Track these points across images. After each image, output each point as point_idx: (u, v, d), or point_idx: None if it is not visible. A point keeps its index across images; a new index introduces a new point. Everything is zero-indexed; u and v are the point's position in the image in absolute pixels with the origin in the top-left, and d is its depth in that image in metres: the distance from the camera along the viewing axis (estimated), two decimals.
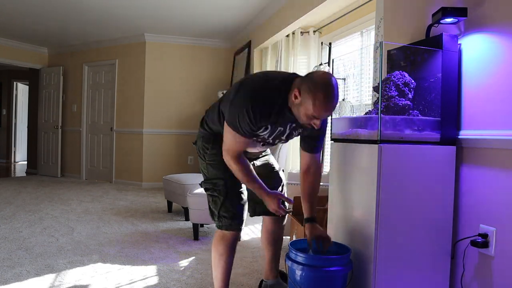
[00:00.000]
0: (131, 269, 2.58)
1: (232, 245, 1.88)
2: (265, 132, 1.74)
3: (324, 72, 1.57)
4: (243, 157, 1.78)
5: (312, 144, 1.86)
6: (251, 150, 1.91)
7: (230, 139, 1.72)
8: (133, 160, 6.41)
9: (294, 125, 1.77)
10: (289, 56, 4.40)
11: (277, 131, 1.77)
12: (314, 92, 1.50)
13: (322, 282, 1.69)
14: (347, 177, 1.90)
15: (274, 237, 2.13)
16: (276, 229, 2.13)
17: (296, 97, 1.56)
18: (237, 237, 1.89)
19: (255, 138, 1.78)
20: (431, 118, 1.79)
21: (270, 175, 2.08)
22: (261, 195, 1.80)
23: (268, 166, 2.10)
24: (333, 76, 1.56)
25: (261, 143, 1.86)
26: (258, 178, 1.80)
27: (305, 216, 1.90)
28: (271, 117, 1.66)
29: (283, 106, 1.64)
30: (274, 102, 1.62)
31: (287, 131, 1.80)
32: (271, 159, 2.15)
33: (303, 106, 1.54)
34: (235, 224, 1.85)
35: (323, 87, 1.50)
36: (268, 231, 2.13)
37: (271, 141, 1.84)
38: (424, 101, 1.86)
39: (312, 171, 1.89)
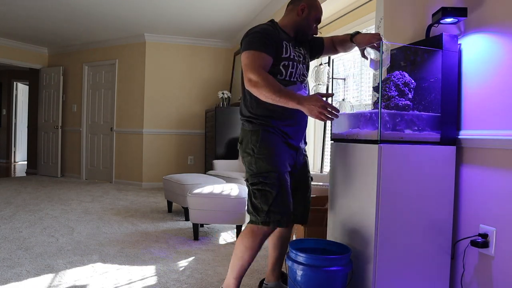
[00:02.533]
0: (131, 269, 2.58)
1: (263, 240, 1.84)
2: (285, 52, 1.85)
3: None
4: (268, 74, 1.74)
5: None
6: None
7: (250, 58, 1.76)
8: (133, 160, 6.41)
9: (297, 50, 1.94)
10: None
11: (294, 52, 1.90)
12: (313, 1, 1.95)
13: (322, 282, 1.69)
14: (347, 177, 1.90)
15: (283, 241, 2.10)
16: (286, 232, 2.10)
17: (302, 10, 1.91)
18: (270, 233, 1.85)
19: (280, 63, 1.84)
20: (431, 118, 1.79)
21: (304, 180, 2.04)
22: (298, 101, 1.65)
23: (307, 176, 2.07)
24: None
25: (291, 74, 1.88)
26: (288, 89, 1.75)
27: (347, 38, 2.05)
28: (279, 34, 1.87)
29: (276, 28, 1.91)
30: (272, 25, 1.90)
31: (298, 55, 1.94)
32: (308, 167, 2.11)
33: (312, 14, 1.92)
34: (286, 220, 1.80)
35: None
36: (278, 234, 2.08)
37: (299, 59, 1.92)
38: (424, 101, 1.86)
39: (335, 38, 2.16)
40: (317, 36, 2.08)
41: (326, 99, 1.67)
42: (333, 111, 1.62)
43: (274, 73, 1.83)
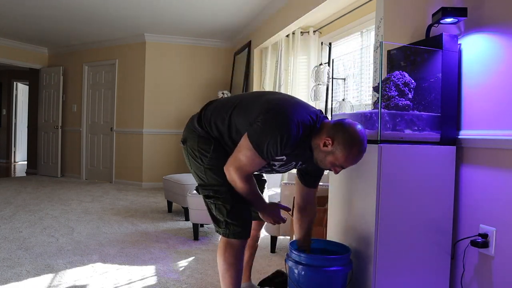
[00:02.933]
0: (131, 269, 2.58)
1: (241, 252, 1.76)
2: (280, 162, 1.71)
3: (356, 125, 1.57)
4: (252, 177, 1.68)
5: (314, 179, 1.88)
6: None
7: (248, 158, 1.58)
8: (133, 160, 6.41)
9: (304, 164, 1.78)
10: (289, 56, 4.41)
11: (289, 164, 1.75)
12: (350, 147, 1.52)
13: (322, 282, 1.69)
14: (347, 177, 1.90)
15: (253, 242, 2.12)
16: (256, 234, 2.11)
17: (325, 145, 1.56)
18: (245, 243, 1.78)
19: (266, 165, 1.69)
20: (431, 118, 1.78)
21: (260, 181, 2.03)
22: (259, 209, 1.75)
23: (259, 174, 2.06)
24: (363, 129, 1.58)
25: (264, 169, 1.81)
26: (260, 193, 1.74)
27: (298, 237, 1.94)
28: (296, 149, 1.62)
29: (307, 142, 1.62)
30: (306, 133, 1.60)
31: (293, 167, 1.80)
32: None
33: (333, 155, 1.55)
34: (246, 232, 1.74)
35: (358, 143, 1.53)
36: (252, 235, 2.02)
37: (276, 169, 1.80)
38: (424, 101, 1.86)
39: (308, 210, 1.91)
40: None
41: (278, 214, 1.78)
42: (280, 221, 1.78)
43: None
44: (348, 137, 1.53)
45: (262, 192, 2.02)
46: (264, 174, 2.09)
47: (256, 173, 1.97)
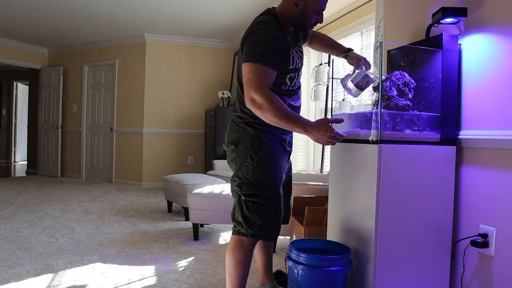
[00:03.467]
0: (131, 269, 2.58)
1: (252, 250, 1.78)
2: (292, 63, 1.75)
3: None
4: (272, 93, 1.60)
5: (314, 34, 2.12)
6: (293, 102, 1.83)
7: (254, 73, 1.58)
8: (133, 160, 6.41)
9: (298, 50, 1.87)
10: None
11: (298, 59, 1.81)
12: None
13: (322, 282, 1.69)
14: (347, 177, 1.90)
15: (268, 242, 2.08)
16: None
17: (297, 4, 1.70)
18: (255, 244, 1.79)
19: (286, 75, 1.73)
20: (431, 118, 1.78)
21: (289, 183, 2.03)
22: (305, 127, 1.59)
23: (290, 178, 2.05)
24: None
25: (294, 84, 1.82)
26: (294, 114, 1.62)
27: (341, 52, 2.04)
28: (286, 38, 1.72)
29: (285, 28, 1.74)
30: (278, 24, 1.71)
31: (300, 59, 1.86)
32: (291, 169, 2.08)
33: (309, 5, 1.69)
34: (277, 234, 1.75)
35: None
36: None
37: (299, 72, 1.85)
38: (424, 101, 1.86)
39: (317, 34, 2.12)
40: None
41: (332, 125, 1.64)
42: (340, 139, 1.64)
43: (278, 83, 1.72)
44: None
45: (290, 196, 2.02)
46: (291, 174, 2.06)
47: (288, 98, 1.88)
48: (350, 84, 1.92)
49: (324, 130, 1.59)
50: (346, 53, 2.02)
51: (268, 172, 1.74)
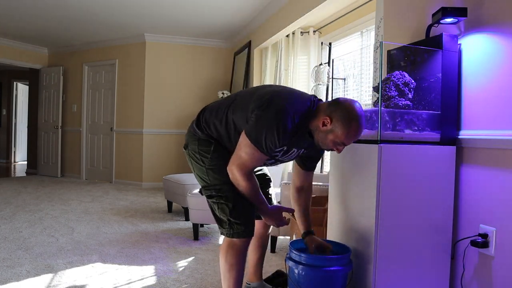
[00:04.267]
0: (131, 269, 2.58)
1: (244, 253, 1.76)
2: (281, 152, 1.71)
3: (352, 101, 1.59)
4: (253, 175, 1.69)
5: (314, 164, 1.93)
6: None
7: (248, 155, 1.60)
8: (133, 160, 6.41)
9: (305, 150, 1.78)
10: (289, 56, 4.41)
11: (290, 152, 1.74)
12: (348, 122, 1.54)
13: (322, 282, 1.69)
14: (347, 177, 1.90)
15: (262, 242, 2.11)
16: (265, 233, 2.11)
17: (324, 124, 1.58)
18: (248, 244, 1.78)
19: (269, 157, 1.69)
20: (431, 118, 1.78)
21: (264, 181, 2.04)
22: (262, 212, 1.76)
23: (263, 174, 2.07)
24: (359, 104, 1.60)
25: (269, 162, 1.81)
26: (262, 195, 1.75)
27: (303, 230, 1.92)
28: (294, 136, 1.63)
29: (305, 128, 1.65)
30: (302, 119, 1.61)
31: (296, 154, 1.79)
32: (264, 167, 2.10)
33: (333, 133, 1.57)
34: (249, 231, 1.73)
35: (356, 118, 1.55)
36: (257, 235, 2.04)
37: (279, 159, 1.79)
38: (424, 101, 1.86)
39: (306, 188, 1.95)
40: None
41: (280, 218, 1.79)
42: (282, 224, 1.81)
43: None
44: (346, 112, 1.55)
45: (267, 191, 2.03)
46: (268, 174, 2.09)
47: (260, 168, 2.01)
48: None
49: (275, 219, 1.78)
50: (305, 232, 1.92)
51: (221, 172, 1.72)
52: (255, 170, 1.99)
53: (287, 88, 1.77)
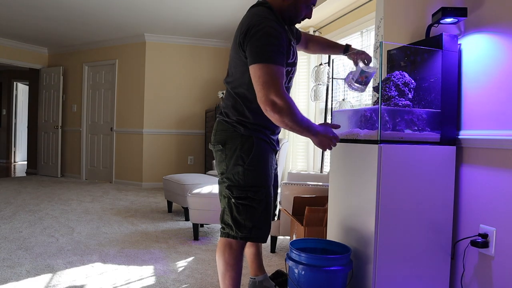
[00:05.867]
0: (130, 269, 2.58)
1: (241, 252, 1.75)
2: (291, 52, 1.68)
3: None
4: (289, 95, 1.59)
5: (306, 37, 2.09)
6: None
7: (268, 75, 1.51)
8: (133, 160, 6.41)
9: (295, 42, 1.84)
10: None
11: (293, 47, 1.72)
12: None
13: (322, 282, 1.69)
14: (347, 177, 1.90)
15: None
16: None
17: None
18: (244, 245, 1.76)
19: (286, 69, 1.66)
20: (431, 118, 1.78)
21: (276, 179, 2.02)
22: (310, 135, 1.62)
23: (277, 176, 2.04)
24: None
25: (289, 79, 1.77)
26: (307, 120, 1.62)
27: (340, 51, 2.07)
28: (284, 31, 1.65)
29: (280, 19, 1.68)
30: (275, 17, 1.66)
31: (296, 49, 1.83)
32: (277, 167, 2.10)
33: (301, 0, 1.67)
34: (266, 235, 1.72)
35: None
36: None
37: (295, 63, 1.77)
38: (424, 101, 1.86)
39: (310, 38, 2.11)
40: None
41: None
42: (335, 143, 1.71)
43: None
44: None
45: (275, 185, 1.99)
46: (276, 170, 2.05)
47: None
48: (352, 82, 1.94)
49: (329, 137, 1.67)
50: (344, 50, 2.07)
51: (259, 174, 1.70)
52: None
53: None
